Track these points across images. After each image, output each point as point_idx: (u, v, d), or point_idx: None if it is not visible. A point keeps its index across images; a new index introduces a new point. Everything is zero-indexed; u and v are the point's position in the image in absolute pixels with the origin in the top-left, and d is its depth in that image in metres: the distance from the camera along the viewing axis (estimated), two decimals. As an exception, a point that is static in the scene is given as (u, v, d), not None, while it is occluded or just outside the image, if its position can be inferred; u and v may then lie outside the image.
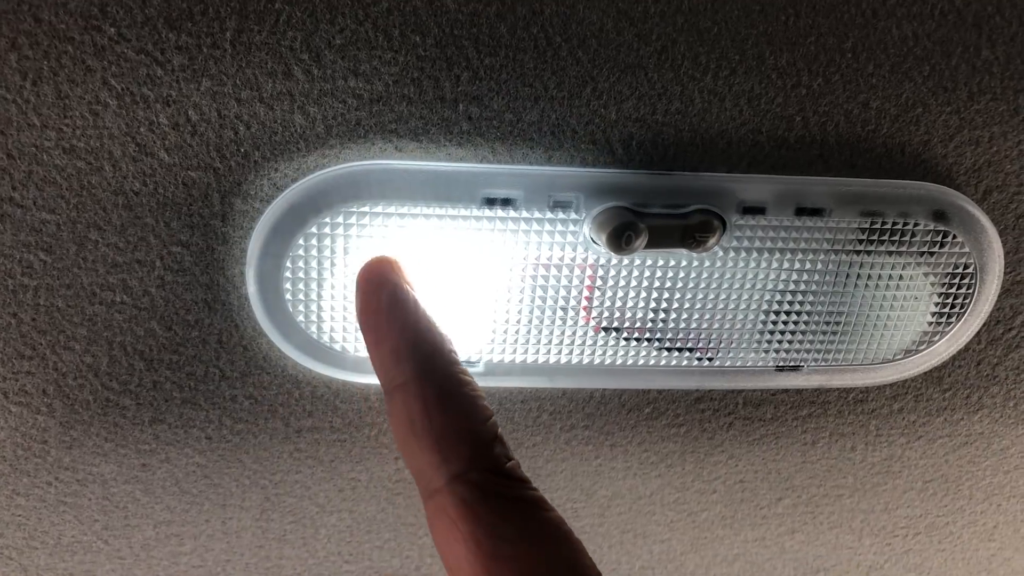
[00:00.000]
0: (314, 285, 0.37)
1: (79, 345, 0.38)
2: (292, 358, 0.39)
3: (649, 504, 0.50)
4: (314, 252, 0.36)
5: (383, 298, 0.28)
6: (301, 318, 0.38)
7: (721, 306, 0.40)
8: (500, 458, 0.27)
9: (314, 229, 0.36)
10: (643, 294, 0.39)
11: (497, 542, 0.25)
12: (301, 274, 0.37)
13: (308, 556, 0.49)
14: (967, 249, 0.40)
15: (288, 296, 0.37)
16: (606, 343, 0.41)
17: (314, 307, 0.38)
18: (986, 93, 0.37)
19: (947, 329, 0.42)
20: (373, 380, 0.40)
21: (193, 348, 0.39)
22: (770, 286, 0.40)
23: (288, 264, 0.36)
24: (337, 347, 0.39)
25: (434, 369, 0.27)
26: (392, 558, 0.50)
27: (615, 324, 0.40)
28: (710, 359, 0.42)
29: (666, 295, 0.39)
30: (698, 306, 0.40)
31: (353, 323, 0.38)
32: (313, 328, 0.38)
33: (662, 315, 0.40)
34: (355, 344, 0.39)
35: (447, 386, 0.27)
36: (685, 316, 0.40)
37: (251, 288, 0.36)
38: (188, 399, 0.40)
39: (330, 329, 0.38)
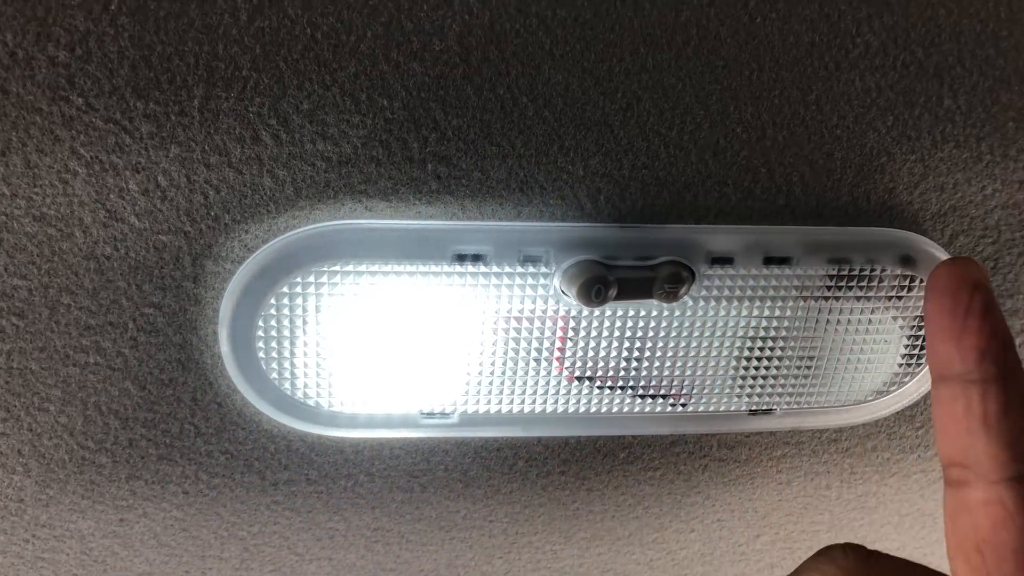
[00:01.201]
0: (287, 343, 0.37)
1: (54, 406, 0.38)
2: (266, 414, 0.39)
3: (628, 544, 0.51)
4: (286, 311, 0.36)
5: (979, 298, 0.30)
6: (274, 375, 0.38)
7: (693, 353, 0.40)
8: None
9: (285, 289, 0.36)
10: (615, 344, 0.40)
11: None
12: (274, 332, 0.37)
13: (289, 603, 0.49)
14: (934, 293, 0.41)
15: (261, 354, 0.37)
16: (580, 392, 0.41)
17: (287, 364, 0.38)
18: (949, 141, 0.38)
19: (917, 370, 0.43)
20: (348, 433, 0.40)
21: (168, 406, 0.39)
22: (740, 333, 0.40)
23: (260, 323, 0.37)
24: (311, 402, 0.39)
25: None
26: (373, 603, 0.50)
27: (589, 373, 0.40)
28: (683, 405, 0.42)
29: (638, 344, 0.40)
30: (670, 354, 0.40)
31: (327, 379, 0.39)
32: (287, 384, 0.38)
33: (635, 364, 0.40)
34: (329, 399, 0.39)
35: None
36: (658, 364, 0.41)
37: (224, 347, 0.37)
38: (164, 455, 0.40)
39: (304, 385, 0.38)
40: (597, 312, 0.39)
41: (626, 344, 0.40)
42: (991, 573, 0.28)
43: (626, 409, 0.42)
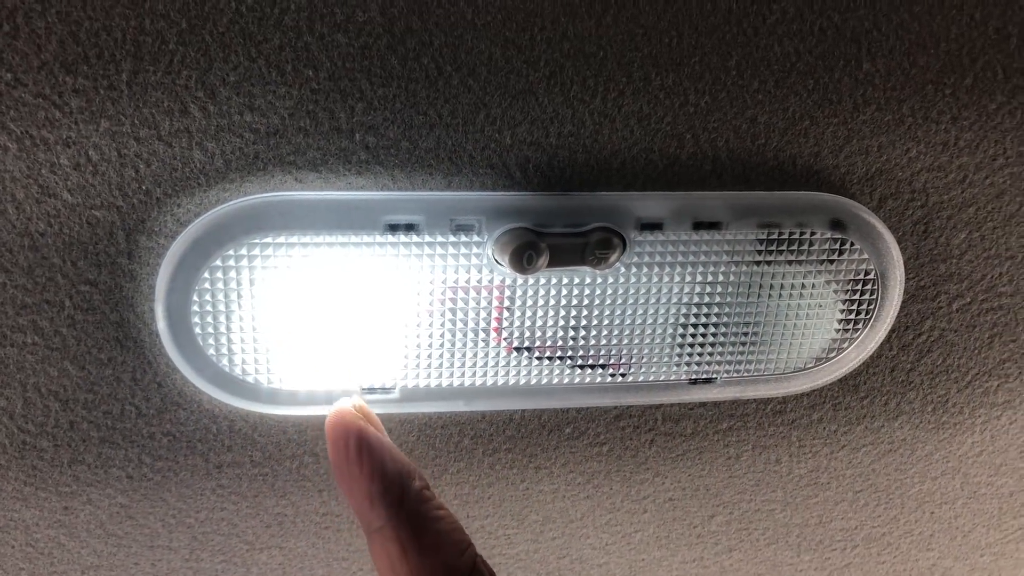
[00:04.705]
0: (223, 318, 0.38)
1: (-8, 388, 0.38)
2: (206, 392, 0.39)
3: (582, 527, 0.51)
4: (220, 285, 0.37)
5: (351, 446, 0.30)
6: (212, 351, 0.38)
7: (629, 321, 0.41)
8: None
9: (219, 262, 0.36)
10: (551, 313, 0.40)
11: None
12: (209, 307, 0.37)
13: (243, 597, 0.49)
14: (866, 256, 0.41)
15: (198, 330, 0.38)
16: (519, 363, 0.41)
17: (224, 340, 0.38)
18: (871, 104, 0.39)
19: (855, 336, 0.43)
20: (289, 412, 0.40)
21: (108, 386, 0.39)
22: (675, 299, 0.41)
23: (195, 298, 0.37)
24: (250, 379, 0.39)
25: (406, 511, 0.29)
26: (328, 595, 0.50)
27: (527, 344, 0.41)
28: (623, 375, 0.42)
29: (574, 312, 0.40)
30: (606, 323, 0.41)
31: (265, 355, 0.39)
32: (224, 361, 0.38)
33: (572, 333, 0.41)
34: (267, 376, 0.39)
35: (420, 526, 0.29)
36: (595, 333, 0.41)
37: (160, 324, 0.37)
38: (106, 438, 0.40)
39: (241, 362, 0.39)
40: (532, 280, 0.39)
41: (562, 313, 0.40)
42: None
43: (566, 380, 0.42)
